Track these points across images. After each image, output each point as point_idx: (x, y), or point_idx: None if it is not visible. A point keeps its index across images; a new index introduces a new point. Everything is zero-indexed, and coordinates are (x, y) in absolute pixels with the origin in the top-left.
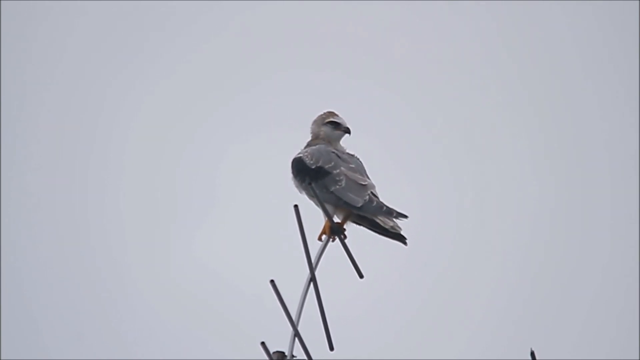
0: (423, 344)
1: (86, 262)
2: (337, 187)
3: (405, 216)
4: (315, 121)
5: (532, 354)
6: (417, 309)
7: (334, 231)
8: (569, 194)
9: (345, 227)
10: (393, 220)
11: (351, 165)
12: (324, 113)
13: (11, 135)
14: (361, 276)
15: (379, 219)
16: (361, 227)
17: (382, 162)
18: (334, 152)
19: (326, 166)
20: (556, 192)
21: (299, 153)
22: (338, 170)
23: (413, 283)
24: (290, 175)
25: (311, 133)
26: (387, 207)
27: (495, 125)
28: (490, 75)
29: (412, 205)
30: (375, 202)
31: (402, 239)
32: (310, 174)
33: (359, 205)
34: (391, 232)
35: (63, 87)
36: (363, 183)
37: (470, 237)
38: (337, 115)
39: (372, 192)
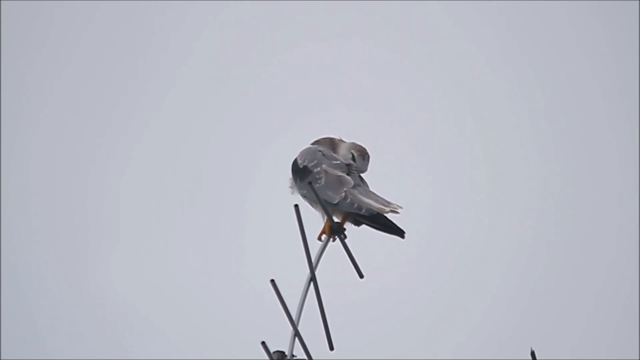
0: (423, 344)
1: (86, 262)
2: (318, 184)
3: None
4: (350, 145)
5: (532, 354)
6: (418, 308)
7: (334, 231)
8: (571, 194)
9: (345, 226)
10: (389, 207)
11: (334, 162)
12: (361, 148)
13: (11, 136)
14: (361, 276)
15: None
16: (361, 226)
17: (380, 160)
18: (320, 151)
19: (309, 165)
20: (558, 192)
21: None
22: (319, 168)
23: (413, 283)
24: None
25: (331, 139)
26: (358, 204)
27: (498, 122)
28: (492, 74)
29: (411, 206)
30: (349, 199)
31: (400, 232)
32: (299, 173)
33: (335, 202)
34: (390, 227)
35: (62, 87)
36: (342, 179)
37: (471, 237)
38: (364, 155)
39: (350, 188)
